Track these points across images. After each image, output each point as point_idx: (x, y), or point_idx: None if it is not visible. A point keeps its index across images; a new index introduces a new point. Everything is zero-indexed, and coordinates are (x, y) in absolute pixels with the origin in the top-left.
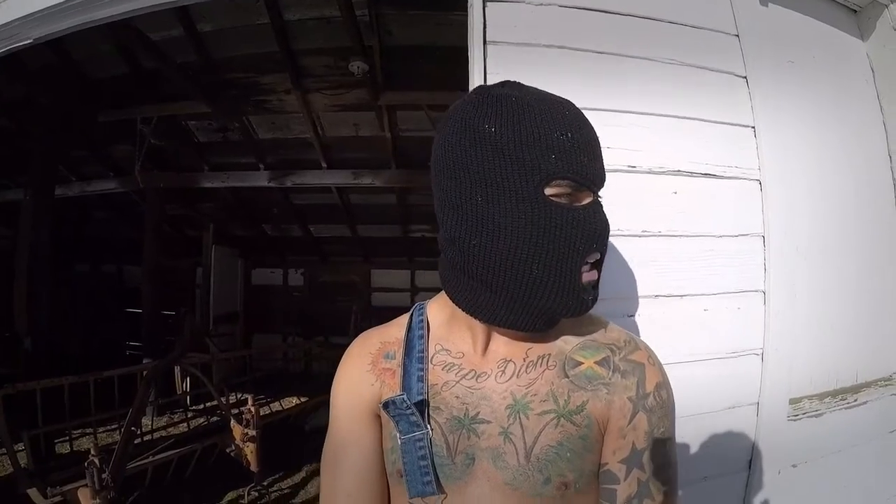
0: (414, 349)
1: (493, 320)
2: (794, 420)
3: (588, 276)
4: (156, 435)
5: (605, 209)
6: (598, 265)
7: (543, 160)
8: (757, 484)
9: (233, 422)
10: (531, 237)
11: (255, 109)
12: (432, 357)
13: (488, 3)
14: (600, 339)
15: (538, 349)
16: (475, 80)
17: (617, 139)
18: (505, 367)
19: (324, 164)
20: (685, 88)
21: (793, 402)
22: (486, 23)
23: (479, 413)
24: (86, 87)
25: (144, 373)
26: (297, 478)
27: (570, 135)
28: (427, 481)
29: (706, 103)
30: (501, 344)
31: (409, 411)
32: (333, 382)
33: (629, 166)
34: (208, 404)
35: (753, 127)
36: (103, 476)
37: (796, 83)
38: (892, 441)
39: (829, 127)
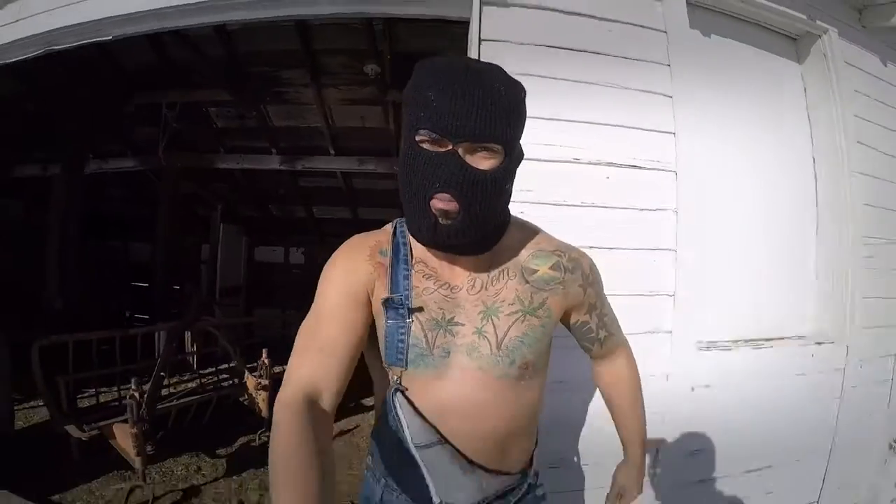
0: (400, 251)
1: (411, 234)
2: (706, 350)
3: (442, 204)
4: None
5: (500, 168)
6: (467, 200)
7: (416, 114)
8: (674, 394)
9: (247, 373)
10: (404, 169)
11: (273, 99)
12: (414, 264)
13: (484, 7)
14: (546, 248)
15: (497, 265)
16: (476, 47)
17: (566, 139)
18: (474, 282)
19: (332, 151)
20: (623, 105)
21: (703, 337)
22: (482, 24)
23: (454, 318)
24: (117, 73)
25: (163, 333)
26: None
27: (437, 96)
28: (399, 358)
29: (638, 116)
30: (465, 263)
31: (399, 305)
32: (328, 266)
33: (574, 158)
34: (214, 368)
35: (674, 133)
36: (140, 410)
37: (721, 99)
38: (797, 381)
39: (756, 132)
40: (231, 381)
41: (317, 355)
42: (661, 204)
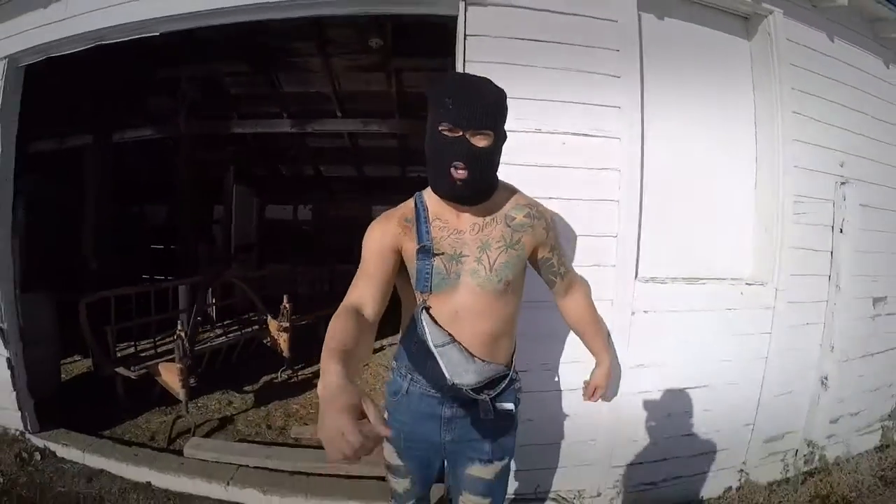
0: (421, 216)
1: (434, 187)
2: (644, 283)
3: (456, 174)
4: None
5: (492, 145)
6: (474, 166)
7: (438, 113)
8: (618, 316)
9: (269, 317)
10: (431, 147)
11: (283, 68)
12: (432, 222)
13: (469, 7)
14: (522, 203)
15: (489, 215)
16: (459, 56)
17: (530, 113)
18: (473, 227)
19: (339, 114)
20: (577, 85)
21: (643, 273)
22: (467, 20)
23: (462, 252)
24: (140, 47)
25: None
26: (316, 367)
27: (451, 101)
28: (426, 285)
29: (589, 94)
30: (467, 214)
31: (427, 252)
32: (368, 230)
33: (536, 129)
34: (236, 317)
35: (619, 107)
36: (185, 348)
37: (665, 75)
38: (727, 314)
39: (704, 102)
40: (254, 327)
41: (361, 284)
42: (607, 164)
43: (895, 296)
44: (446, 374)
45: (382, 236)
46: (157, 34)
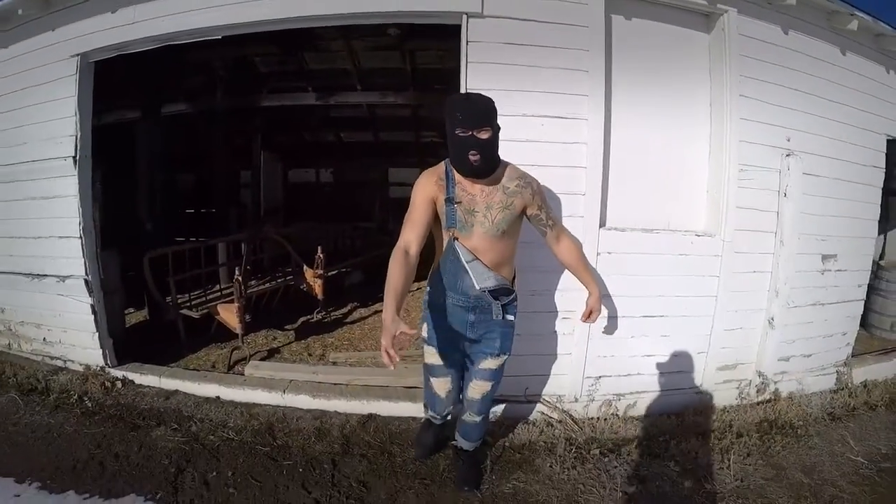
0: (449, 178)
1: (458, 170)
2: (607, 230)
3: (472, 158)
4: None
5: (491, 136)
6: (482, 152)
7: (454, 120)
8: (587, 255)
9: (304, 266)
10: (453, 143)
11: (309, 49)
12: (456, 184)
13: (470, 19)
14: (514, 175)
15: (493, 185)
16: (462, 58)
17: (517, 102)
18: (482, 192)
19: (359, 87)
20: (554, 79)
21: (606, 223)
22: (469, 29)
23: (474, 209)
24: None
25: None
26: (345, 309)
27: (461, 113)
28: (452, 222)
29: (563, 85)
30: (479, 185)
31: (453, 200)
32: (416, 183)
33: (523, 114)
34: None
35: (587, 95)
36: (241, 289)
37: (627, 66)
38: (679, 259)
39: (664, 89)
40: (289, 277)
41: (409, 229)
42: (577, 139)
43: (847, 254)
44: (475, 282)
45: (426, 187)
46: (220, 37)
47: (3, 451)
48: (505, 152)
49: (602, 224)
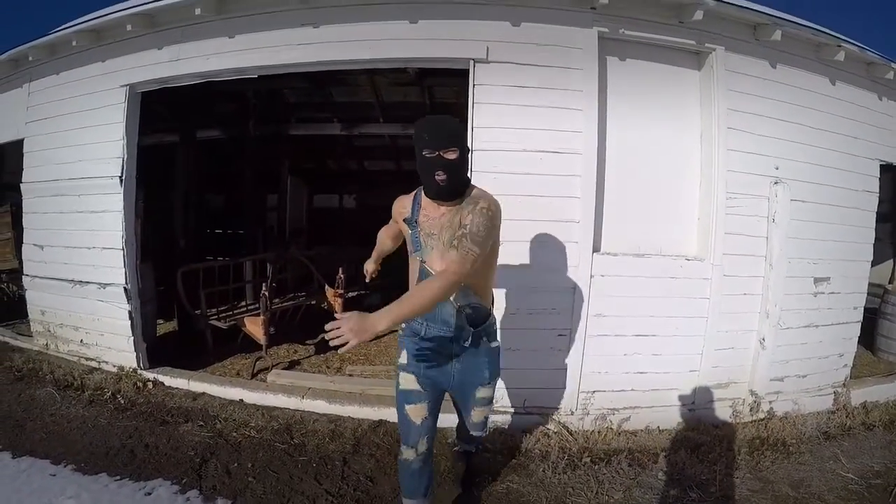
0: (416, 203)
1: (426, 191)
2: (600, 255)
3: (439, 178)
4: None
5: (458, 158)
6: (448, 172)
7: (421, 142)
8: (580, 277)
9: (326, 286)
10: (420, 166)
11: (335, 83)
12: (421, 209)
13: (477, 64)
14: (473, 196)
15: (454, 208)
16: (470, 99)
17: (518, 138)
18: (442, 216)
19: (381, 119)
20: (551, 117)
21: (600, 248)
22: (475, 73)
23: (433, 232)
24: None
25: (258, 262)
26: None
27: (428, 134)
28: (417, 247)
29: (559, 123)
30: (444, 208)
31: (410, 222)
32: (393, 207)
33: (522, 149)
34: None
35: (581, 131)
36: (268, 303)
37: (620, 105)
38: (670, 281)
39: (657, 123)
40: (310, 296)
41: (385, 228)
42: (572, 172)
43: (841, 277)
44: (452, 301)
45: (396, 209)
46: (255, 76)
47: (40, 436)
48: (507, 184)
49: (596, 249)
